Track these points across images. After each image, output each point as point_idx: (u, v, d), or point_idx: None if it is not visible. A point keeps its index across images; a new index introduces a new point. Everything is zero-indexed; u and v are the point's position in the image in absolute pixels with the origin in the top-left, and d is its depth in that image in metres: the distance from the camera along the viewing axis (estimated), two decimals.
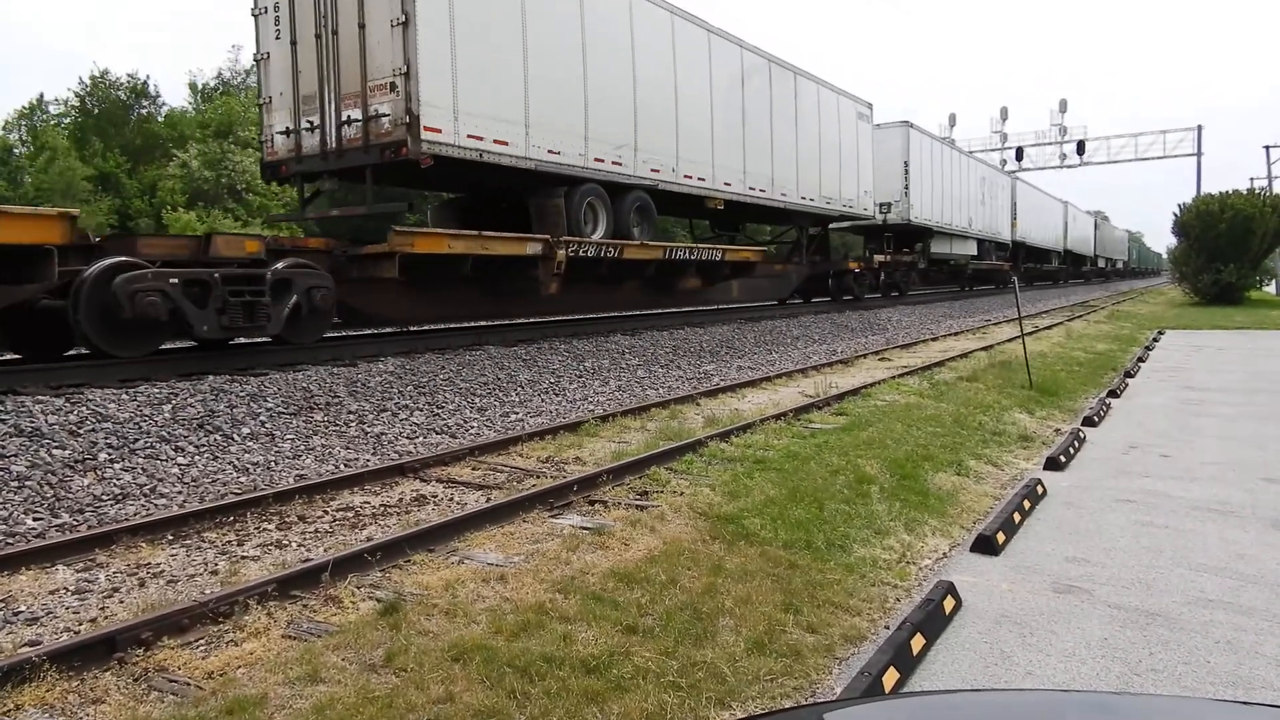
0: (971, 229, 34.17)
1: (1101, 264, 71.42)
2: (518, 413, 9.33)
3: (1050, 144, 59.26)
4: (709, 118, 16.88)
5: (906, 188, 26.84)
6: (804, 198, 20.61)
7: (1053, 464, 7.10)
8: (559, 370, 11.46)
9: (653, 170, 15.08)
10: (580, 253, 13.14)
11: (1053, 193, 56.29)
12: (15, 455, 6.20)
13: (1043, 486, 6.28)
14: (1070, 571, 4.71)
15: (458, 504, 5.89)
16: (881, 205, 25.90)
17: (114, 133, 36.81)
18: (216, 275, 8.87)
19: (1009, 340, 16.84)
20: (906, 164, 26.88)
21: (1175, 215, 37.90)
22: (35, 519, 5.41)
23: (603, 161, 13.94)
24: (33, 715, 3.07)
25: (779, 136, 19.53)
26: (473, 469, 6.89)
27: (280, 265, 9.61)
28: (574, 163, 13.37)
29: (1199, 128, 55.83)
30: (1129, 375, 12.78)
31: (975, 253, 35.72)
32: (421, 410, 8.90)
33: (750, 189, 18.35)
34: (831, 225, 26.71)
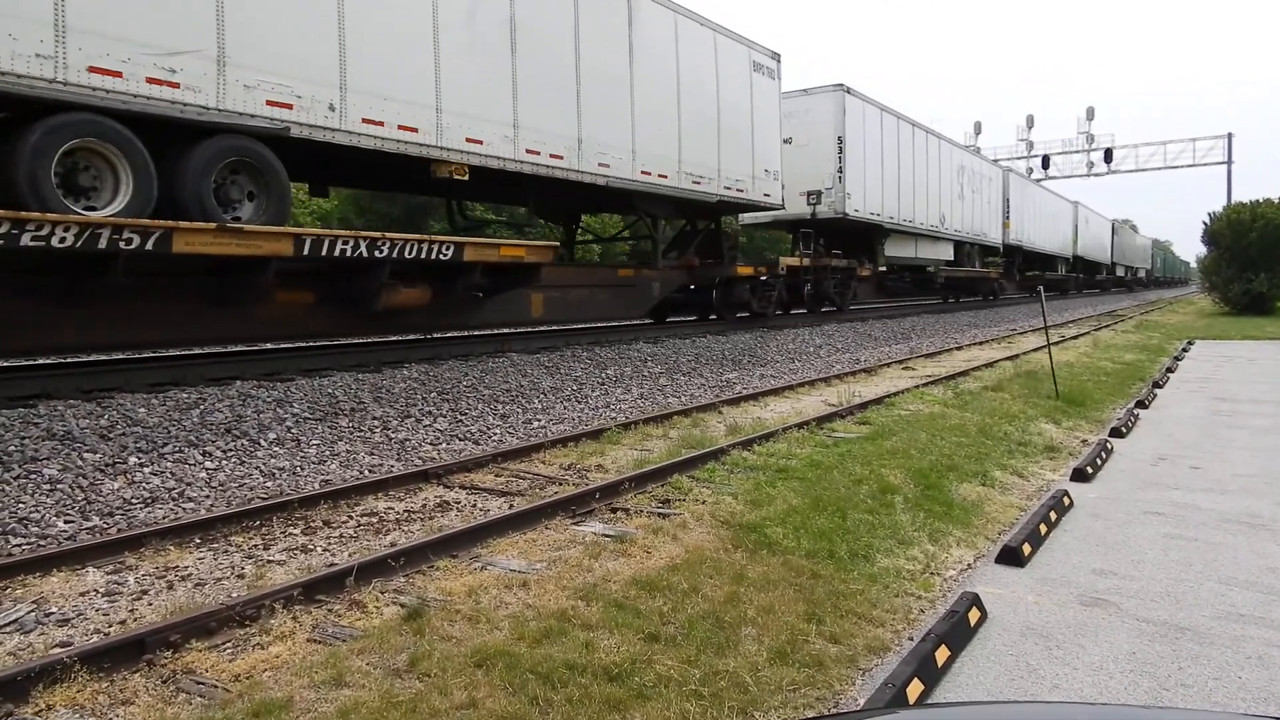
0: (945, 228, 29.02)
1: (1120, 272, 66.22)
2: (540, 419, 9.36)
3: (1077, 152, 58.77)
4: (429, 29, 10.31)
5: (841, 171, 20.97)
6: (646, 173, 14.26)
7: (1080, 475, 7.02)
8: (581, 377, 11.49)
9: (274, 103, 8.64)
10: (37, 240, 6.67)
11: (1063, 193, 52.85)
12: (48, 459, 6.31)
13: (1069, 498, 6.21)
14: (1098, 584, 4.65)
15: (481, 510, 5.91)
16: (810, 195, 20.96)
17: None
18: None
19: (1035, 350, 16.67)
20: (841, 141, 20.93)
21: (1205, 224, 37.41)
22: (67, 521, 5.50)
23: (118, 75, 7.47)
24: (64, 715, 3.12)
25: (594, 78, 13.02)
26: (495, 475, 6.92)
27: None
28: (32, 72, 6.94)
29: (1229, 135, 55.15)
30: (1157, 386, 12.61)
31: (951, 257, 30.64)
32: (445, 416, 8.96)
33: (531, 153, 11.82)
34: (746, 221, 22.90)
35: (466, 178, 11.16)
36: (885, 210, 23.84)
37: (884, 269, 26.85)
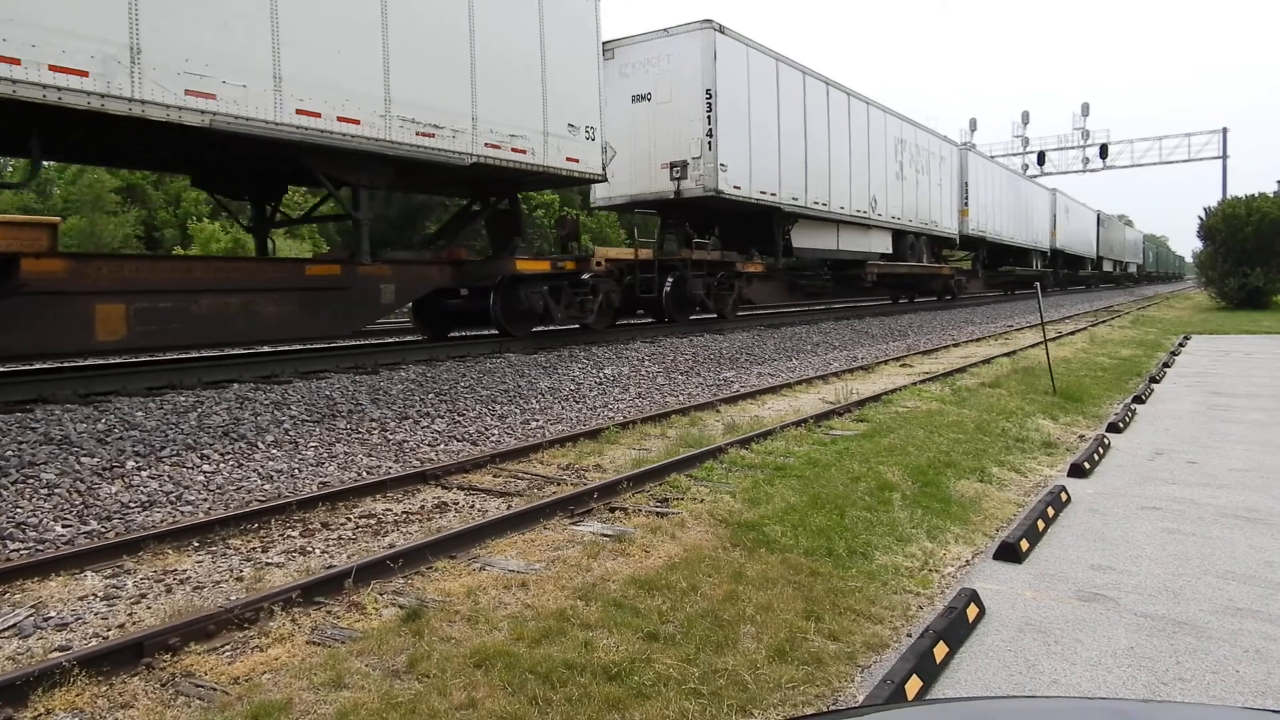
0: (878, 214, 23.71)
1: (1108, 267, 61.27)
2: (538, 420, 9.36)
3: (1073, 148, 58.95)
4: None
5: (711, 136, 15.97)
6: (308, 112, 9.03)
7: (1077, 471, 7.03)
8: (579, 378, 11.49)
9: None
10: None
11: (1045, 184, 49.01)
12: (45, 463, 6.31)
13: (1067, 493, 6.22)
14: (1095, 579, 4.66)
15: (479, 511, 5.92)
16: (673, 167, 16.21)
17: None
18: None
19: (1031, 346, 16.69)
20: (711, 95, 15.92)
21: (1200, 219, 37.48)
22: (65, 526, 5.49)
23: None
24: (63, 719, 3.12)
25: None
26: (494, 476, 6.92)
27: None
28: None
29: (1224, 130, 55.31)
30: (1154, 381, 12.63)
31: (889, 250, 25.22)
32: (443, 417, 8.96)
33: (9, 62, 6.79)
34: (601, 203, 18.06)
35: None
36: (785, 189, 18.67)
37: (793, 264, 21.79)
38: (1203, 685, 3.46)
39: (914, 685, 3.32)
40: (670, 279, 16.49)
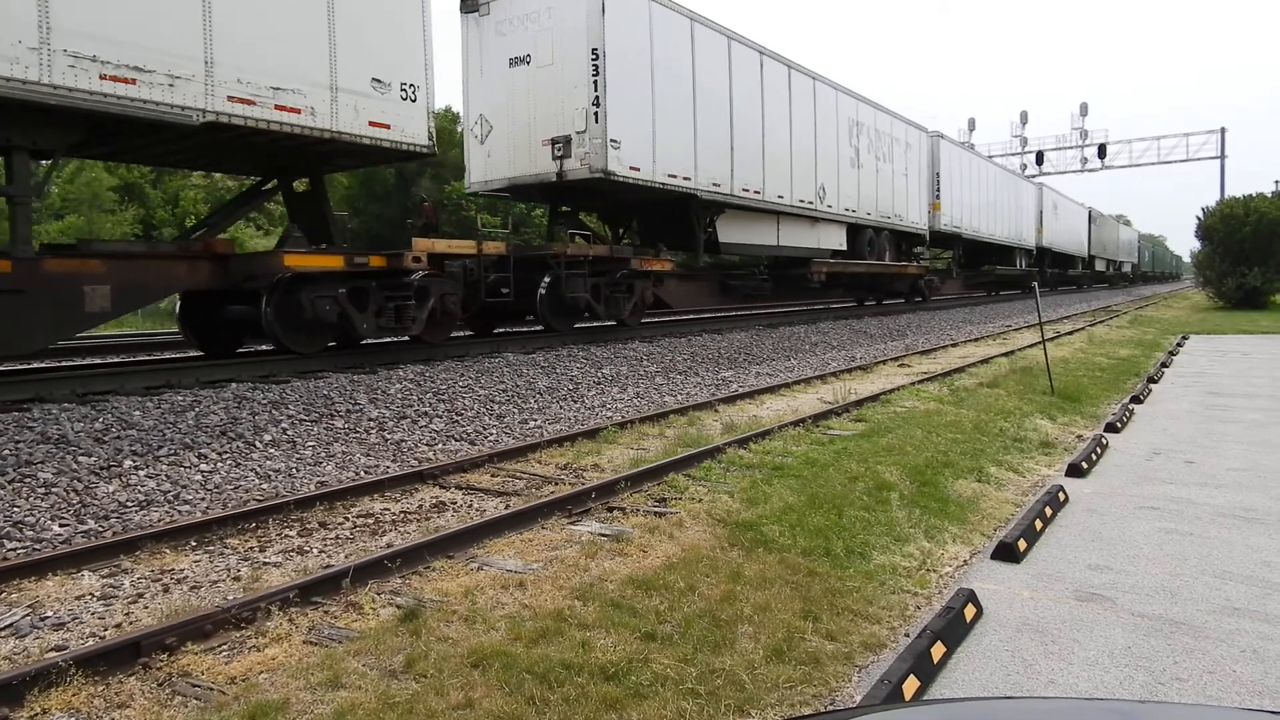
0: (827, 205, 20.88)
1: (1101, 267, 58.52)
2: (536, 420, 9.36)
3: (1071, 148, 59.00)
4: None
5: (599, 105, 13.34)
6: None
7: (1075, 470, 7.03)
8: (577, 377, 11.49)
9: None
10: None
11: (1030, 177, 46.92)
12: (43, 462, 6.30)
13: (1065, 493, 6.23)
14: (1093, 579, 4.66)
15: (477, 511, 5.91)
16: (555, 144, 13.71)
17: None
18: None
19: (1030, 346, 16.70)
20: (598, 56, 13.33)
21: (1199, 219, 37.53)
22: (62, 525, 5.49)
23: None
24: (59, 718, 3.11)
25: None
26: (492, 476, 6.92)
27: None
28: None
29: (1222, 130, 55.38)
30: (1152, 381, 12.64)
31: (842, 245, 22.29)
32: (441, 417, 8.95)
33: None
34: (476, 188, 15.21)
35: None
36: (703, 173, 15.97)
37: (722, 262, 19.92)
38: (1200, 685, 3.46)
39: (911, 685, 3.32)
40: (547, 279, 13.62)
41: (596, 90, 13.46)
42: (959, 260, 33.13)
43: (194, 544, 5.18)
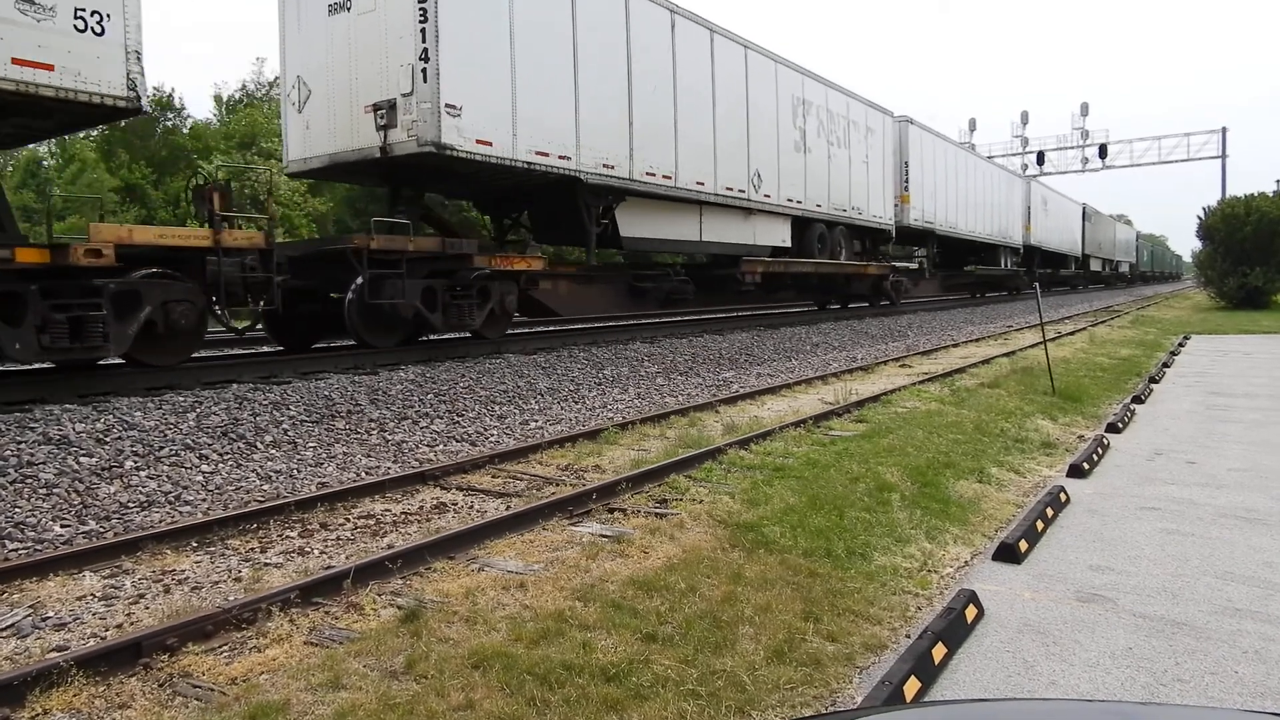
0: (767, 196, 17.75)
1: (1096, 267, 55.41)
2: (537, 420, 9.36)
3: (1072, 148, 58.99)
4: None
5: (427, 59, 10.64)
6: None
7: (1076, 471, 7.03)
8: (578, 378, 11.49)
9: None
10: None
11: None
12: (44, 463, 6.30)
13: (1066, 494, 6.22)
14: (1094, 580, 4.66)
15: (478, 512, 5.91)
16: (378, 110, 11.03)
17: (140, 145, 37.32)
18: None
19: (1031, 346, 16.70)
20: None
21: (1200, 218, 37.51)
22: (63, 526, 5.49)
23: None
24: (60, 719, 3.12)
25: None
26: (493, 477, 6.92)
27: None
28: None
29: (1223, 130, 55.36)
30: (1154, 381, 12.64)
31: (786, 242, 19.30)
32: (442, 418, 8.95)
33: None
34: (295, 169, 12.41)
35: None
36: (589, 151, 13.03)
37: (628, 260, 17.65)
38: (1201, 686, 3.46)
39: (912, 686, 3.31)
40: (357, 282, 10.73)
41: (425, 41, 10.50)
42: (933, 259, 29.61)
43: (195, 545, 5.18)
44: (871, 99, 23.61)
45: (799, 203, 19.42)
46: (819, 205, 20.40)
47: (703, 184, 15.86)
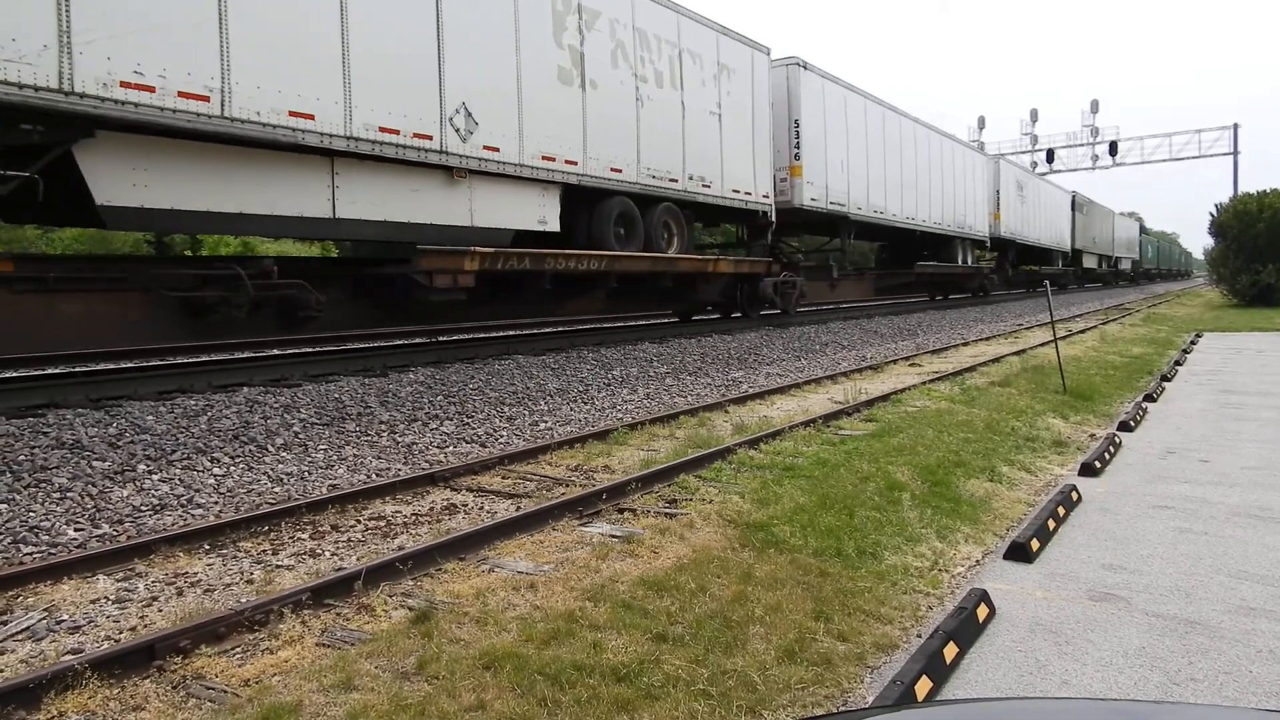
0: (488, 151, 11.08)
1: (1091, 263, 49.77)
2: (546, 421, 9.37)
3: (1082, 145, 58.80)
4: None
5: None
6: None
7: (1088, 470, 7.00)
8: (587, 379, 11.50)
9: None
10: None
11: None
12: (58, 467, 6.35)
13: (1078, 493, 6.20)
14: (1107, 579, 4.64)
15: (488, 513, 5.92)
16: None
17: None
18: None
19: (1041, 345, 16.63)
20: None
21: (1212, 215, 37.28)
22: (77, 529, 5.52)
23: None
24: None
25: None
26: (502, 478, 6.93)
27: None
28: None
29: (1235, 126, 55.04)
30: (1166, 379, 12.56)
31: (545, 223, 12.98)
32: (451, 419, 8.97)
33: None
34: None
35: None
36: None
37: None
38: (1215, 686, 3.44)
39: (924, 686, 3.31)
40: None
41: None
42: (847, 254, 24.54)
43: (207, 547, 5.20)
44: (731, 27, 16.56)
45: (572, 164, 12.47)
46: (619, 170, 13.47)
47: (316, 118, 8.83)
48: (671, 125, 15.00)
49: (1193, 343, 18.65)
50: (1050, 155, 58.78)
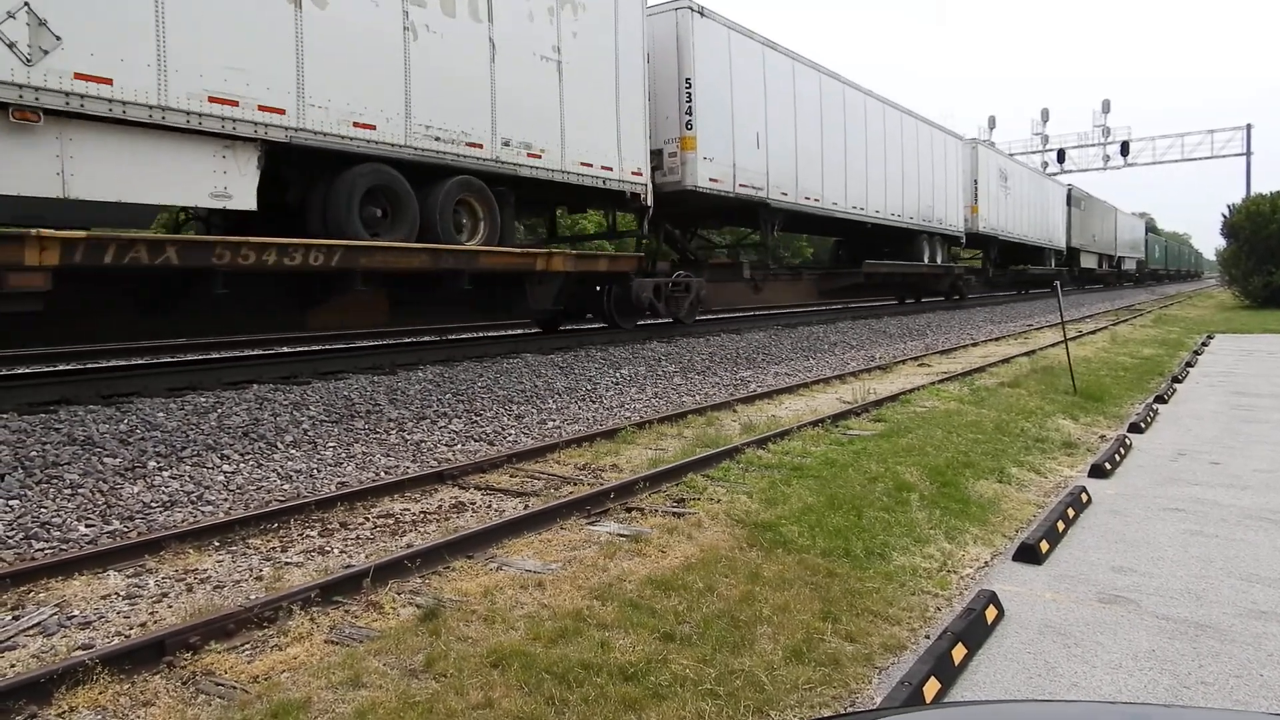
0: (74, 67, 6.83)
1: (1090, 263, 46.08)
2: (554, 420, 9.38)
3: (1093, 145, 58.49)
4: None
5: None
6: None
7: (1098, 471, 6.96)
8: (595, 377, 11.51)
9: None
10: None
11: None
12: (69, 464, 6.38)
13: (1087, 494, 6.17)
14: (1117, 581, 4.61)
15: (496, 511, 5.93)
16: None
17: None
18: None
19: (1051, 345, 16.56)
20: None
21: (1224, 216, 37.06)
22: (88, 525, 5.56)
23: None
24: (86, 716, 3.15)
25: None
26: (510, 476, 6.94)
27: None
28: None
29: (1248, 126, 54.68)
30: (1177, 380, 12.50)
31: (219, 196, 7.17)
32: (460, 418, 8.99)
33: None
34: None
35: None
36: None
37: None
38: (1226, 689, 3.42)
39: (932, 687, 3.30)
40: None
41: None
42: (774, 250, 21.21)
43: (217, 544, 5.23)
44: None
45: (276, 111, 8.58)
46: (369, 125, 9.48)
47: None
48: (472, 70, 10.78)
49: (1204, 344, 18.54)
50: (1061, 155, 58.52)
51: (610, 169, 13.18)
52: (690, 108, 14.79)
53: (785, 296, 21.68)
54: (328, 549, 5.16)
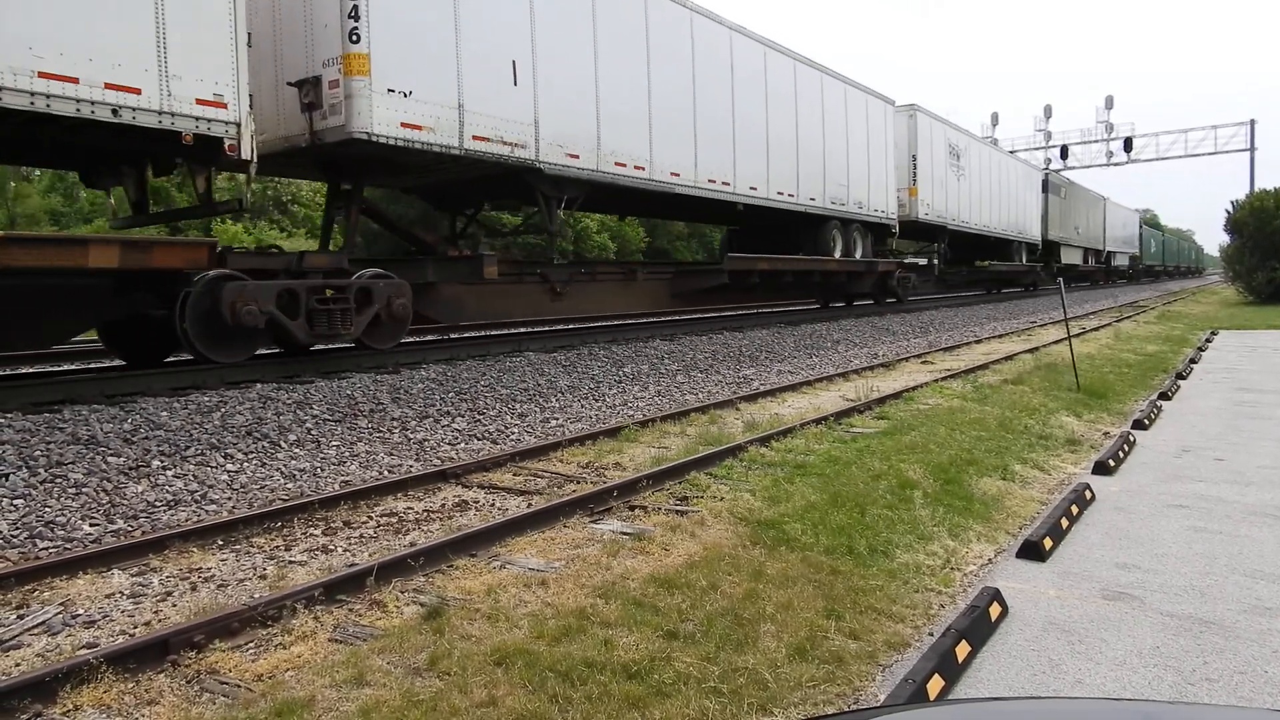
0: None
1: (1074, 259, 41.56)
2: (558, 418, 9.38)
3: (1096, 141, 58.31)
4: None
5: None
6: None
7: (1102, 468, 6.95)
8: (598, 376, 11.51)
9: None
10: None
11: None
12: (73, 463, 6.39)
13: (1091, 491, 6.16)
14: (1121, 578, 4.61)
15: (499, 509, 5.94)
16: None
17: None
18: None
19: (1055, 342, 16.53)
20: None
21: (1228, 212, 36.97)
22: (92, 525, 5.57)
23: None
24: (91, 715, 3.16)
25: None
26: (514, 474, 6.94)
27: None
28: None
29: (1251, 122, 54.52)
30: (1180, 377, 12.47)
31: None
32: (463, 416, 9.00)
33: None
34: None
35: None
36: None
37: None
38: (1230, 686, 3.41)
39: (936, 685, 3.30)
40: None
41: None
42: (559, 237, 15.56)
43: (221, 543, 5.24)
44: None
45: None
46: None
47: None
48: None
49: (1208, 340, 18.50)
50: (1064, 151, 58.37)
51: (144, 91, 7.59)
52: (357, 7, 9.29)
53: (610, 303, 15.77)
54: (331, 548, 5.17)
